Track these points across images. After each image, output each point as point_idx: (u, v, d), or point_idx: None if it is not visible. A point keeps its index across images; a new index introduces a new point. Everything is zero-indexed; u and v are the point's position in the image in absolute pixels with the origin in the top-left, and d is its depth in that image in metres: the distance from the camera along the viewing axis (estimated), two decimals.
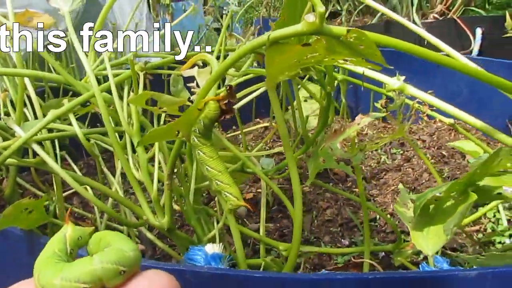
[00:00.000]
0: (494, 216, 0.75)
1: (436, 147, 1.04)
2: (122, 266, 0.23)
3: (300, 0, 0.39)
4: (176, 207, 0.72)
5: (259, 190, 0.89)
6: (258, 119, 1.30)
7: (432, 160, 1.00)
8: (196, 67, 0.42)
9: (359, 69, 0.45)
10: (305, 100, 0.90)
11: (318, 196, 0.87)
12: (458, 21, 1.27)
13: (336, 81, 1.00)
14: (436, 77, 1.18)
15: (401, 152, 1.05)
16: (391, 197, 0.87)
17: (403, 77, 0.98)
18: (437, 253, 0.74)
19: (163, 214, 0.44)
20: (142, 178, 0.44)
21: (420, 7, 1.44)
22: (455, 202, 0.46)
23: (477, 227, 0.73)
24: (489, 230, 0.72)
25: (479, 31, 1.25)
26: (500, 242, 0.70)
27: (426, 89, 0.60)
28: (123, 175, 0.92)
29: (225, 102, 0.33)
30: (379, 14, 1.46)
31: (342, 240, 0.70)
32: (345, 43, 0.31)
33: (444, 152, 1.01)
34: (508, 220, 0.74)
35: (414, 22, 1.31)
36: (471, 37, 1.22)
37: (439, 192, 0.45)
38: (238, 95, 0.69)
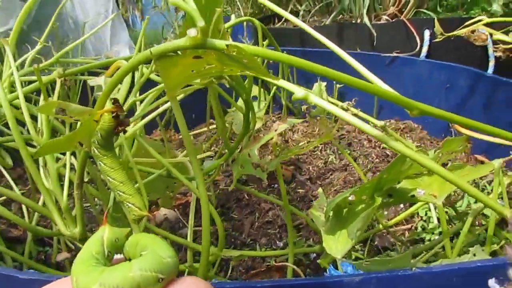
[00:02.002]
0: (426, 214, 0.77)
1: (381, 147, 1.07)
2: (161, 274, 0.23)
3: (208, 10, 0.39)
4: None
5: (208, 193, 0.89)
6: (212, 120, 1.30)
7: (377, 160, 1.02)
8: (103, 76, 0.42)
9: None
10: None
11: (261, 198, 0.88)
12: (407, 23, 1.30)
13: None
14: (385, 77, 1.20)
15: (348, 152, 1.07)
16: (333, 197, 0.89)
17: (324, 83, 0.99)
18: (369, 250, 0.76)
19: (75, 224, 0.44)
20: (53, 188, 0.43)
21: (374, 8, 1.47)
22: (366, 205, 0.48)
23: (409, 226, 0.75)
24: (419, 229, 0.75)
25: (427, 33, 1.28)
26: (429, 240, 0.72)
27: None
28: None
29: (114, 115, 0.33)
30: (332, 15, 1.49)
31: (278, 242, 0.72)
32: (231, 57, 0.32)
33: (388, 152, 1.04)
34: (439, 219, 0.76)
35: (364, 23, 1.34)
36: (418, 39, 1.25)
37: (349, 196, 0.47)
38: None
